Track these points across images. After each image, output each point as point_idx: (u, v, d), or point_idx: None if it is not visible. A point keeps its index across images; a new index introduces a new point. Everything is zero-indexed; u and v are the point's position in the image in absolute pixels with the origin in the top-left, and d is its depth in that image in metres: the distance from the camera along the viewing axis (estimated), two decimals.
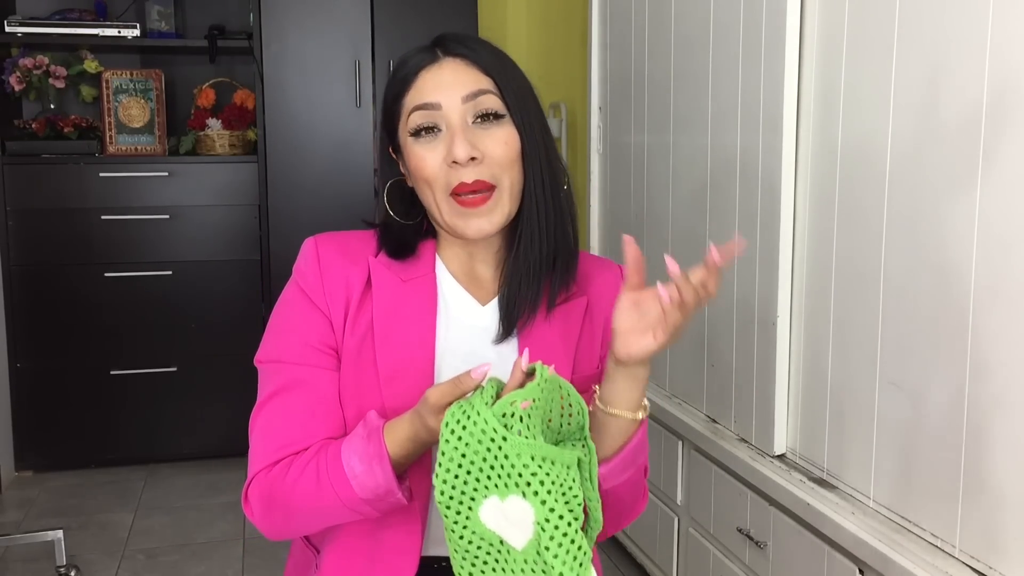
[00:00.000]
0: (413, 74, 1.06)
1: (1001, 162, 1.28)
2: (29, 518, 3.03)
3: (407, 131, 1.05)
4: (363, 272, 1.09)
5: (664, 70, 2.30)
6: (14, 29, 3.30)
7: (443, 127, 1.04)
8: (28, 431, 3.38)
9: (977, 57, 1.31)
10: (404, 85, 1.06)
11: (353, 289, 1.08)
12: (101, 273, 3.37)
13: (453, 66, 1.05)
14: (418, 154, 1.04)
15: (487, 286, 1.13)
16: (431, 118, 1.04)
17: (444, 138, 1.03)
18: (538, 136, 1.07)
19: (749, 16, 1.87)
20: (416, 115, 1.04)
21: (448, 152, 1.02)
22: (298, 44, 3.35)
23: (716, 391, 2.09)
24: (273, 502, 1.02)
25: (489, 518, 0.88)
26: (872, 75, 1.54)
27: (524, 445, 0.85)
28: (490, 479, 0.86)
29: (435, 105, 1.03)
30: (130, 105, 3.44)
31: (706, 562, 2.09)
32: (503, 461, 0.85)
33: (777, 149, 1.77)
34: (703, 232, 2.11)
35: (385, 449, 0.96)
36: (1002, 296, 1.28)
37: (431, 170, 1.04)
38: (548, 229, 1.08)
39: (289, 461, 1.02)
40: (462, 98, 1.03)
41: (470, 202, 1.03)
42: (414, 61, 1.07)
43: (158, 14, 3.50)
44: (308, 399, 1.05)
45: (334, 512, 1.01)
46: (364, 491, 0.97)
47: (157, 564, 2.71)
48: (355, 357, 1.07)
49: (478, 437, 0.86)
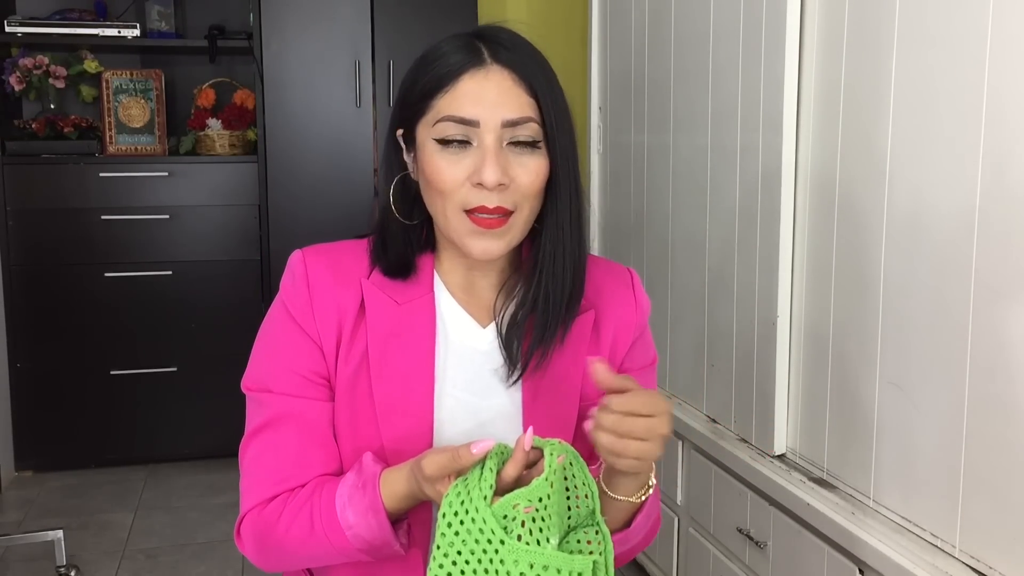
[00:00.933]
0: (454, 75, 0.95)
1: (1001, 162, 1.28)
2: (29, 518, 3.03)
3: (431, 134, 0.96)
4: (356, 295, 1.02)
5: (664, 70, 2.30)
6: (14, 29, 3.30)
7: (475, 143, 0.95)
8: (28, 431, 3.38)
9: (977, 57, 1.31)
10: (440, 84, 0.96)
11: (346, 315, 1.01)
12: (101, 273, 3.37)
13: (500, 79, 0.96)
14: (439, 164, 0.96)
15: (486, 304, 1.07)
16: (465, 133, 0.95)
17: (473, 154, 0.95)
18: (570, 166, 1.00)
19: (749, 16, 1.87)
20: (448, 125, 0.95)
21: (475, 172, 0.94)
22: (298, 44, 3.35)
23: (716, 391, 2.09)
24: (267, 543, 0.99)
25: None
26: (872, 75, 1.54)
27: (523, 552, 0.82)
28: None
29: (473, 122, 0.94)
30: (130, 105, 3.44)
31: (706, 562, 2.09)
32: (499, 566, 0.82)
33: (777, 149, 1.77)
34: (703, 232, 2.11)
35: (381, 502, 0.93)
36: (1002, 296, 1.28)
37: (450, 184, 0.95)
38: (568, 267, 1.01)
39: (283, 500, 0.99)
40: (503, 121, 0.94)
41: (485, 223, 0.95)
42: (457, 59, 0.96)
43: (158, 14, 3.49)
44: (300, 433, 1.00)
45: (330, 557, 0.98)
46: (359, 542, 0.94)
47: (157, 564, 2.71)
48: (350, 389, 1.01)
49: (475, 536, 0.82)
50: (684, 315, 2.24)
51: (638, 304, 1.12)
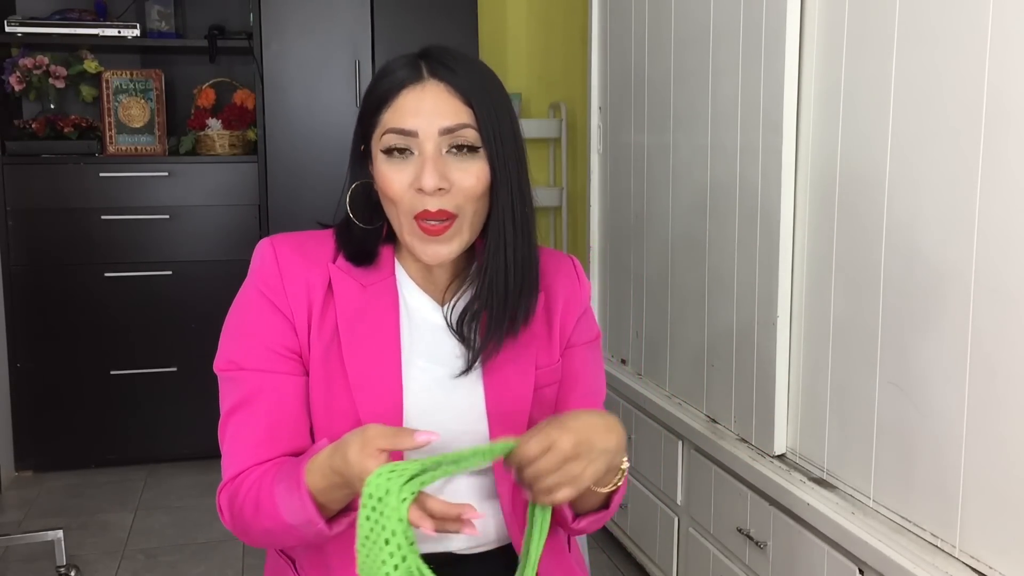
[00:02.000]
0: (396, 91, 1.04)
1: (1001, 162, 1.28)
2: (29, 518, 3.03)
3: (379, 145, 1.04)
4: (323, 276, 1.09)
5: (664, 70, 2.30)
6: (14, 29, 3.30)
7: (416, 152, 1.03)
8: (28, 431, 3.38)
9: (977, 57, 1.31)
10: (384, 101, 1.04)
11: (315, 292, 1.08)
12: (101, 273, 3.37)
13: (436, 92, 1.03)
14: (386, 174, 1.04)
15: (444, 287, 1.15)
16: (405, 143, 1.02)
17: (415, 163, 1.02)
18: (511, 168, 1.06)
19: (749, 16, 1.87)
20: (391, 136, 1.03)
21: (416, 178, 1.01)
22: (298, 44, 3.35)
23: (716, 391, 2.09)
24: (235, 516, 1.05)
25: None
26: (872, 75, 1.54)
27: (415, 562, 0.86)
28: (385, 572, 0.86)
29: (411, 132, 1.02)
30: (130, 105, 3.44)
31: (706, 562, 2.09)
32: (398, 563, 0.85)
33: (777, 149, 1.77)
34: (703, 232, 2.11)
35: (303, 477, 0.96)
36: (1002, 296, 1.28)
37: (397, 191, 1.03)
38: (516, 261, 1.08)
39: (248, 474, 1.04)
40: (440, 130, 1.02)
41: (431, 229, 1.03)
42: (398, 76, 1.04)
43: (158, 14, 3.49)
44: (272, 411, 1.05)
45: (278, 533, 1.01)
46: (291, 516, 0.98)
47: (157, 564, 2.71)
48: (323, 365, 1.07)
49: (378, 531, 0.85)
50: (684, 315, 2.24)
51: (581, 285, 1.22)
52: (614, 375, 2.59)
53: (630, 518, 2.52)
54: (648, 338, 2.47)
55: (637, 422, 2.46)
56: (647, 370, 2.48)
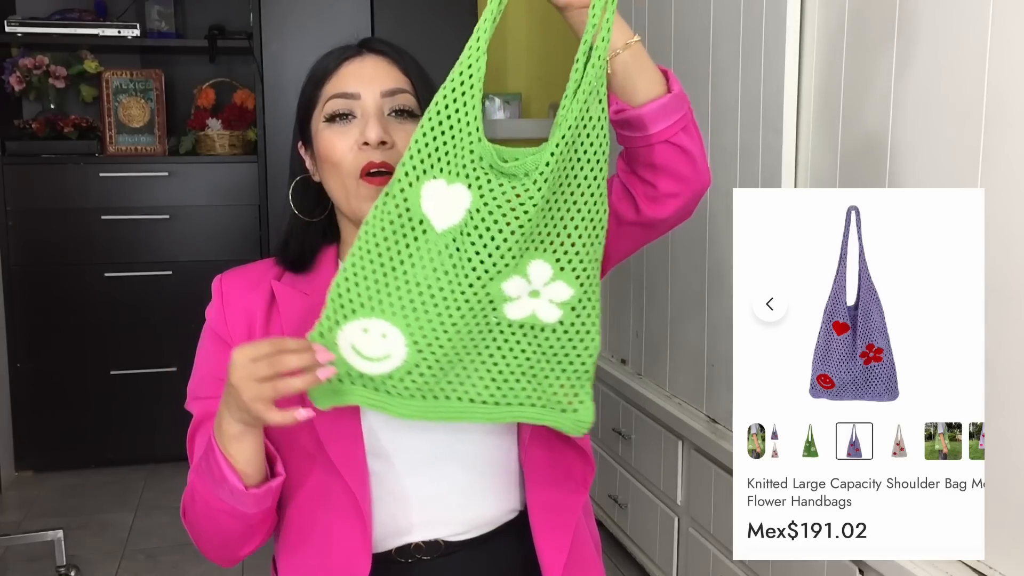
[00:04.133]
0: (335, 65, 1.09)
1: (1001, 162, 1.29)
2: (29, 518, 3.03)
3: (322, 117, 1.08)
4: (264, 294, 1.12)
5: None
6: (14, 29, 3.30)
7: (358, 115, 1.07)
8: (28, 431, 3.38)
9: (977, 57, 1.31)
10: (325, 75, 1.09)
11: (255, 312, 1.11)
12: (101, 273, 3.37)
13: (375, 62, 1.09)
14: (329, 139, 1.07)
15: None
16: (348, 106, 1.07)
17: (358, 124, 1.06)
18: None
19: (749, 16, 1.87)
20: (334, 102, 1.07)
21: (361, 135, 1.05)
22: (298, 44, 3.35)
23: (716, 391, 2.09)
24: (188, 523, 1.09)
25: (428, 197, 0.93)
26: (872, 74, 1.54)
27: (488, 150, 0.92)
28: (450, 163, 0.92)
29: (354, 95, 1.07)
30: (130, 105, 3.44)
31: (706, 562, 2.09)
32: (468, 152, 0.92)
33: (777, 149, 1.77)
34: (703, 232, 2.11)
35: (214, 440, 0.98)
36: (1003, 296, 1.28)
37: (340, 153, 1.06)
38: None
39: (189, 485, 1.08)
40: (381, 92, 1.07)
41: (376, 182, 1.05)
42: (336, 54, 1.10)
43: (158, 14, 3.50)
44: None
45: (216, 517, 1.03)
46: (213, 487, 1.00)
47: (157, 564, 2.71)
48: None
49: (465, 122, 0.92)
50: (684, 315, 2.24)
51: None
52: (614, 375, 2.59)
53: (630, 518, 2.53)
54: (648, 338, 2.47)
55: (637, 422, 2.46)
56: (647, 370, 2.48)
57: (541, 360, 1.00)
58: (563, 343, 0.99)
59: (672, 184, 1.03)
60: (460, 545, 1.12)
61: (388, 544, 1.10)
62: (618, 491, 2.59)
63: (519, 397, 1.00)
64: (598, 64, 0.94)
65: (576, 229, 0.97)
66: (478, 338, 0.97)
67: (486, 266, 0.93)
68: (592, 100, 0.95)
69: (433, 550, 1.10)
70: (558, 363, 1.00)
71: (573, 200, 0.97)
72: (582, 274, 0.97)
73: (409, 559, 1.10)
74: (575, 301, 0.98)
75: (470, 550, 1.12)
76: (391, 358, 0.95)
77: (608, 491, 2.66)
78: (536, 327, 0.98)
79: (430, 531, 1.10)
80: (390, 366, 0.95)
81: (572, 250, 0.97)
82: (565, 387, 1.01)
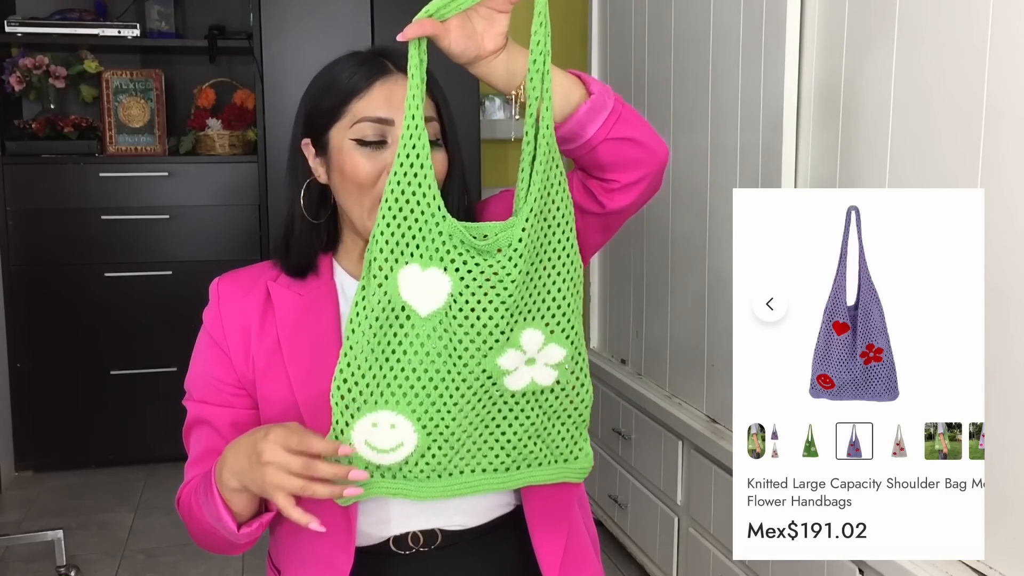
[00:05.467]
0: (366, 83, 1.07)
1: (1001, 162, 1.29)
2: (29, 518, 3.03)
3: (348, 135, 1.07)
4: (260, 295, 1.13)
5: (664, 69, 2.30)
6: (14, 29, 3.30)
7: (390, 141, 1.06)
8: (28, 431, 3.38)
9: (977, 57, 1.31)
10: (353, 91, 1.08)
11: (251, 315, 1.12)
12: (101, 273, 3.37)
13: (406, 85, 1.06)
14: (357, 161, 1.06)
15: None
16: (381, 132, 1.06)
17: (389, 149, 1.06)
18: (460, 161, 1.13)
19: (749, 16, 1.87)
20: (366, 125, 1.06)
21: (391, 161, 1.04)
22: (298, 44, 3.35)
23: (716, 391, 2.09)
24: (184, 519, 1.13)
25: (405, 285, 0.94)
26: (872, 75, 1.54)
27: (455, 227, 0.94)
28: (418, 247, 0.94)
29: (388, 121, 1.06)
30: (130, 105, 3.44)
31: (706, 562, 2.09)
32: (435, 235, 0.94)
33: (777, 149, 1.77)
34: (703, 232, 2.11)
35: (212, 477, 1.01)
36: (1003, 296, 1.28)
37: (366, 176, 1.06)
38: None
39: (187, 485, 1.13)
40: None
41: None
42: (364, 70, 1.08)
43: (158, 14, 3.49)
44: (209, 436, 1.13)
45: (210, 536, 1.08)
46: (210, 517, 1.03)
47: (157, 564, 2.71)
48: (266, 369, 1.11)
49: (421, 209, 0.93)
50: (684, 315, 2.24)
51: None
52: (614, 375, 2.59)
53: (630, 518, 2.53)
54: (648, 338, 2.47)
55: (637, 422, 2.46)
56: (647, 370, 2.48)
57: (544, 421, 1.03)
58: (561, 400, 1.03)
59: (629, 173, 1.03)
60: (458, 536, 1.12)
61: (384, 534, 1.11)
62: (618, 491, 2.59)
63: (527, 459, 1.04)
64: (547, 133, 0.95)
65: (560, 291, 0.99)
66: (483, 413, 1.00)
67: (476, 344, 0.95)
68: (550, 166, 0.96)
69: (431, 541, 1.11)
70: (559, 419, 1.04)
71: (552, 265, 0.99)
72: (571, 332, 1.00)
73: (407, 550, 1.11)
74: (568, 359, 1.00)
75: (468, 542, 1.12)
76: (404, 446, 0.97)
77: (608, 491, 2.66)
78: (536, 392, 1.01)
79: (426, 521, 1.11)
80: (404, 454, 0.98)
81: (559, 312, 0.99)
82: (566, 439, 1.05)
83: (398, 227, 0.93)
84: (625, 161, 1.02)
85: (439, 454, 0.99)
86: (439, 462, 0.99)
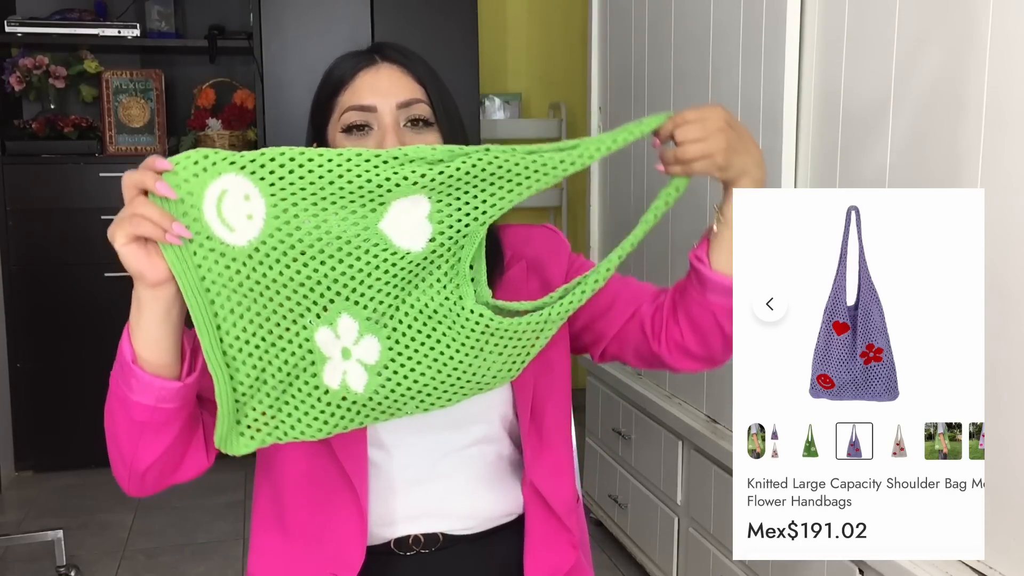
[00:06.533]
0: (350, 75, 1.10)
1: (1001, 162, 1.29)
2: (29, 518, 3.03)
3: (338, 128, 1.09)
4: None
5: (664, 70, 2.30)
6: (14, 29, 3.30)
7: (375, 127, 1.08)
8: (28, 431, 3.38)
9: (977, 56, 1.31)
10: (340, 84, 1.10)
11: None
12: (101, 273, 3.37)
13: (390, 72, 1.09)
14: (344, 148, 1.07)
15: None
16: (364, 119, 1.08)
17: (375, 136, 1.07)
18: (460, 143, 1.12)
19: (749, 16, 1.87)
20: (351, 114, 1.08)
21: (377, 146, 1.05)
22: (298, 44, 3.35)
23: (716, 391, 2.09)
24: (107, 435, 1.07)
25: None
26: (872, 75, 1.54)
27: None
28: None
29: (370, 107, 1.07)
30: (130, 105, 3.44)
31: (706, 562, 2.09)
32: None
33: (777, 149, 1.77)
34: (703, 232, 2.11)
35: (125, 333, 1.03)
36: (1003, 296, 1.29)
37: None
38: None
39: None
40: (397, 104, 1.07)
41: None
42: (351, 63, 1.11)
43: (158, 14, 3.50)
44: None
45: (127, 412, 1.05)
46: (120, 379, 1.03)
47: (157, 564, 2.71)
48: None
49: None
50: None
51: (557, 236, 1.24)
52: (614, 375, 2.59)
53: (630, 518, 2.53)
54: None
55: (637, 422, 2.46)
56: (647, 370, 2.48)
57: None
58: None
59: (698, 346, 1.11)
60: (459, 540, 1.12)
61: (385, 535, 1.11)
62: (618, 491, 2.59)
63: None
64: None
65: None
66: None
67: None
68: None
69: (432, 543, 1.11)
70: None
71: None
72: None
73: (407, 552, 1.11)
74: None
75: (468, 544, 1.13)
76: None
77: (608, 491, 2.66)
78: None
79: (428, 524, 1.11)
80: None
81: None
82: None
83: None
84: (705, 336, 1.10)
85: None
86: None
